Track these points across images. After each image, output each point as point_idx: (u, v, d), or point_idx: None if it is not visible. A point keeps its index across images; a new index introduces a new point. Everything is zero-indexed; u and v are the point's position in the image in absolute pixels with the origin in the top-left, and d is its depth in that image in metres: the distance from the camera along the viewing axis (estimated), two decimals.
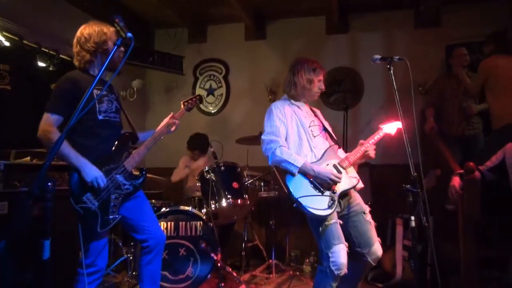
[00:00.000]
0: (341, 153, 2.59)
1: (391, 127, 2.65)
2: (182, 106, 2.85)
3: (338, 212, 2.35)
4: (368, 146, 2.52)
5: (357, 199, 2.50)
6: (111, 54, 1.59)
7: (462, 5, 4.65)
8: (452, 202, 3.14)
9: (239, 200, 3.48)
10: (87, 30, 2.31)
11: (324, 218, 2.24)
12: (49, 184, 1.25)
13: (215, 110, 5.49)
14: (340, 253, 2.19)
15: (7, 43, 3.39)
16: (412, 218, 2.17)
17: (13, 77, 3.41)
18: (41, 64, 3.79)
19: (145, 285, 2.41)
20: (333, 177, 2.28)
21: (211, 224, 3.38)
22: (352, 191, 2.48)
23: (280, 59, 5.23)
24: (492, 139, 3.68)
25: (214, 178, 3.47)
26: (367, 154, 2.51)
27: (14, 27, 3.49)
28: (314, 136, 2.50)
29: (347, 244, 2.26)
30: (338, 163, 2.43)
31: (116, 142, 2.34)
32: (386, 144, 2.81)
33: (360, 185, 2.50)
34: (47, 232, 1.24)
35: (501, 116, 3.55)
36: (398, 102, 2.23)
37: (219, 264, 3.32)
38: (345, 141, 4.36)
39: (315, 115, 2.66)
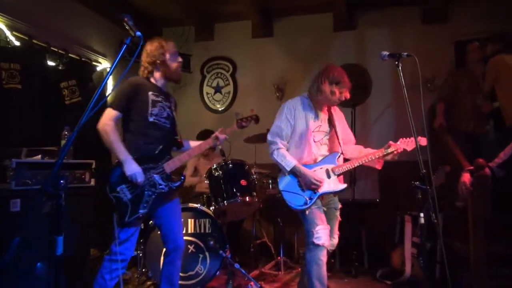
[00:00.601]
0: (341, 160, 2.83)
1: (409, 143, 2.77)
2: (235, 123, 2.89)
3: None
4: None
5: (335, 198, 2.88)
6: (119, 54, 1.60)
7: (470, 0, 4.60)
8: (462, 199, 3.12)
9: (247, 198, 3.48)
10: (149, 47, 2.61)
11: (299, 210, 2.65)
12: (61, 181, 1.27)
13: (222, 108, 5.50)
14: (323, 231, 2.58)
15: (17, 43, 3.42)
16: (421, 215, 2.17)
17: (24, 76, 3.44)
18: (50, 63, 3.83)
19: (162, 284, 2.60)
20: (314, 181, 2.62)
21: (220, 222, 3.39)
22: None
23: (287, 56, 5.23)
24: (503, 136, 3.65)
25: (222, 176, 3.48)
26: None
27: (24, 27, 3.53)
28: (315, 142, 2.79)
29: (329, 226, 2.64)
30: (332, 169, 2.75)
31: (161, 145, 2.54)
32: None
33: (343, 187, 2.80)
34: (60, 229, 1.27)
35: None
36: (407, 99, 2.22)
37: (228, 261, 3.34)
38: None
39: (329, 119, 2.86)
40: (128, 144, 2.47)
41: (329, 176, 2.71)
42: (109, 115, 2.42)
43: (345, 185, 2.77)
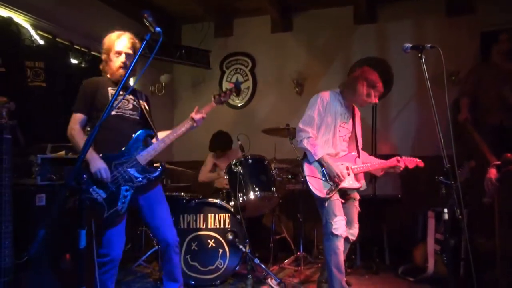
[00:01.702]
0: (358, 162, 2.99)
1: (411, 162, 3.05)
2: (212, 100, 2.81)
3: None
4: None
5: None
6: (140, 51, 1.62)
7: None
8: (488, 195, 3.04)
9: (267, 193, 3.49)
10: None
11: (321, 198, 2.77)
12: (84, 176, 1.29)
13: (241, 104, 5.50)
14: (341, 222, 2.73)
15: (41, 42, 3.50)
16: (445, 210, 2.12)
17: (48, 74, 3.52)
18: (73, 61, 3.90)
19: (164, 280, 2.62)
20: (340, 175, 2.75)
21: (239, 217, 3.41)
22: None
23: (307, 51, 5.18)
24: None
25: (241, 171, 3.49)
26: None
27: (48, 26, 3.61)
28: (340, 137, 2.93)
29: (346, 218, 2.79)
30: (352, 167, 2.91)
31: (131, 138, 2.44)
32: (417, 135, 2.77)
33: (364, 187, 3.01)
34: (83, 222, 1.29)
35: None
36: (430, 92, 2.17)
37: (247, 256, 3.35)
38: (374, 134, 4.27)
39: (352, 118, 3.02)
40: (96, 143, 2.37)
41: (348, 174, 2.88)
42: (74, 119, 2.42)
43: (360, 184, 2.93)
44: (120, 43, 2.53)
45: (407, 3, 4.79)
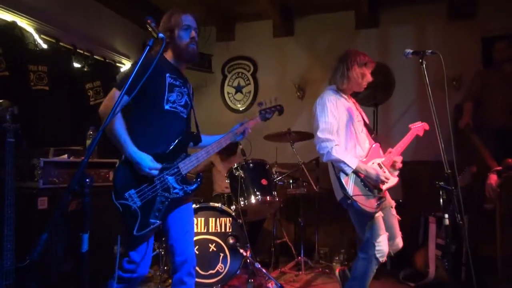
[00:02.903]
0: (381, 151, 2.69)
1: (419, 129, 2.81)
2: (258, 115, 2.58)
3: None
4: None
5: (386, 194, 2.64)
6: (143, 56, 1.61)
7: None
8: (490, 201, 3.04)
9: (268, 197, 3.50)
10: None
11: (372, 214, 2.44)
12: (87, 180, 1.30)
13: (243, 108, 5.52)
14: (384, 242, 2.44)
15: (45, 46, 3.53)
16: (446, 216, 2.12)
17: (51, 78, 3.55)
18: (76, 65, 3.93)
19: None
20: (383, 178, 2.44)
21: (240, 221, 3.41)
22: None
23: (309, 55, 5.20)
24: None
25: (243, 175, 3.50)
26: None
27: (51, 30, 3.64)
28: (361, 132, 2.62)
29: (388, 233, 2.50)
30: (382, 162, 2.59)
31: (177, 140, 2.11)
32: (417, 140, 2.76)
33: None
34: (86, 226, 1.30)
35: None
36: (431, 97, 2.18)
37: (248, 260, 3.35)
38: (374, 138, 4.28)
39: (356, 107, 2.75)
40: (136, 137, 2.00)
41: (383, 171, 2.55)
42: (114, 97, 1.97)
43: (397, 178, 2.62)
44: (187, 18, 2.26)
45: (409, 7, 4.81)
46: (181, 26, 2.21)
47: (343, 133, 2.56)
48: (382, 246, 2.43)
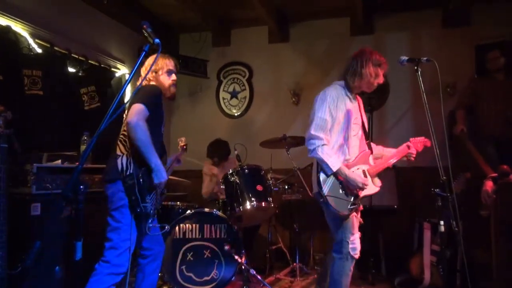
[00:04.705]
0: (372, 159, 2.69)
1: (419, 144, 2.75)
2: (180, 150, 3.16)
3: None
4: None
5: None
6: (139, 61, 1.63)
7: (493, 2, 4.51)
8: (485, 208, 3.05)
9: (263, 203, 3.47)
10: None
11: (346, 216, 2.50)
12: (81, 187, 1.28)
13: (238, 113, 5.51)
14: (357, 240, 2.55)
15: (39, 50, 3.50)
16: (442, 223, 2.12)
17: (45, 82, 3.52)
18: (70, 69, 3.90)
19: None
20: (361, 185, 2.45)
21: (236, 227, 3.39)
22: None
23: (304, 61, 5.22)
24: None
25: (238, 181, 3.48)
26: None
27: (46, 34, 3.61)
28: (353, 135, 2.60)
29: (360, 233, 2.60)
30: (368, 170, 2.60)
31: (163, 155, 2.55)
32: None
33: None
34: (79, 234, 1.28)
35: None
36: (426, 104, 2.19)
37: (243, 267, 3.33)
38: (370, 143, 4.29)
39: (360, 109, 2.71)
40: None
41: (366, 178, 2.57)
42: (143, 113, 2.28)
43: (378, 187, 2.63)
44: (171, 63, 2.62)
45: (404, 14, 4.85)
46: (165, 69, 2.57)
47: (334, 133, 2.55)
48: (355, 244, 2.53)
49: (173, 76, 2.59)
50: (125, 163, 2.28)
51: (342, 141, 2.56)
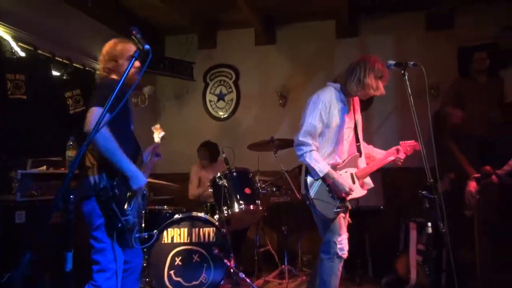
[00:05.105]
0: (361, 161, 2.68)
1: (409, 148, 2.76)
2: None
3: None
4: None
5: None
6: (129, 67, 1.59)
7: (476, 5, 4.60)
8: (469, 208, 3.11)
9: (251, 206, 3.48)
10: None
11: (333, 218, 2.52)
12: (71, 196, 1.26)
13: (225, 115, 5.50)
14: (345, 241, 2.56)
15: (22, 54, 3.43)
16: (429, 224, 2.16)
17: (29, 86, 3.45)
18: (54, 73, 3.83)
19: None
20: (348, 190, 2.48)
21: (224, 230, 3.38)
22: None
23: (290, 63, 5.24)
24: None
25: (226, 184, 3.48)
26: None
27: (29, 37, 3.54)
28: (344, 140, 2.60)
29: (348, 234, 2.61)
30: (355, 173, 2.62)
31: (138, 155, 2.29)
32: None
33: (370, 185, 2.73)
34: (70, 244, 1.26)
35: None
36: (413, 107, 2.22)
37: (232, 270, 3.32)
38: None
39: (354, 111, 2.68)
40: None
41: (353, 182, 2.60)
42: (95, 115, 1.98)
43: (365, 191, 2.66)
44: (132, 48, 2.30)
45: (388, 18, 4.91)
46: (126, 56, 2.27)
47: (325, 138, 2.55)
48: (343, 244, 2.55)
49: (137, 63, 2.13)
50: (97, 176, 2.06)
51: (333, 146, 2.56)
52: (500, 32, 4.01)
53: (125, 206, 2.04)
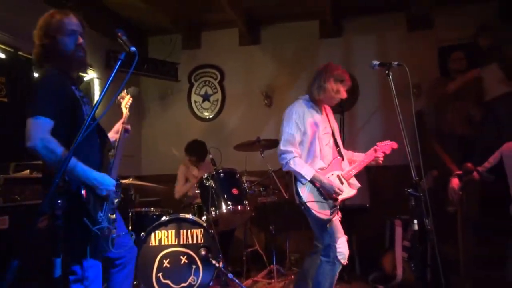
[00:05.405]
0: (345, 164, 2.77)
1: (386, 147, 2.83)
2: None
3: None
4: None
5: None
6: (114, 71, 1.56)
7: (454, 6, 4.70)
8: (452, 204, 3.18)
9: (239, 206, 3.48)
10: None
11: (328, 219, 2.55)
12: (59, 201, 1.24)
13: (211, 116, 5.49)
14: (344, 244, 2.60)
15: (2, 55, 3.36)
16: (415, 222, 2.20)
17: (10, 89, 3.38)
18: (36, 74, 3.75)
19: None
20: (337, 190, 2.54)
21: (212, 231, 3.38)
22: None
23: (275, 63, 5.26)
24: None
25: (213, 185, 3.47)
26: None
27: (9, 38, 3.47)
28: (325, 145, 2.70)
29: (346, 236, 2.64)
30: (342, 175, 2.68)
31: (102, 152, 2.02)
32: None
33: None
34: (58, 250, 1.24)
35: None
36: (398, 106, 2.26)
37: (221, 271, 3.32)
38: (343, 144, 4.38)
39: (328, 118, 2.80)
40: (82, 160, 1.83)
41: (342, 183, 2.67)
42: (42, 127, 1.82)
43: (355, 190, 2.73)
44: (71, 22, 1.98)
45: (370, 18, 4.98)
46: (64, 32, 1.93)
47: (306, 145, 2.66)
48: (342, 248, 2.57)
49: (79, 39, 1.95)
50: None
51: (315, 151, 2.65)
52: (477, 31, 4.10)
53: (96, 215, 1.81)
